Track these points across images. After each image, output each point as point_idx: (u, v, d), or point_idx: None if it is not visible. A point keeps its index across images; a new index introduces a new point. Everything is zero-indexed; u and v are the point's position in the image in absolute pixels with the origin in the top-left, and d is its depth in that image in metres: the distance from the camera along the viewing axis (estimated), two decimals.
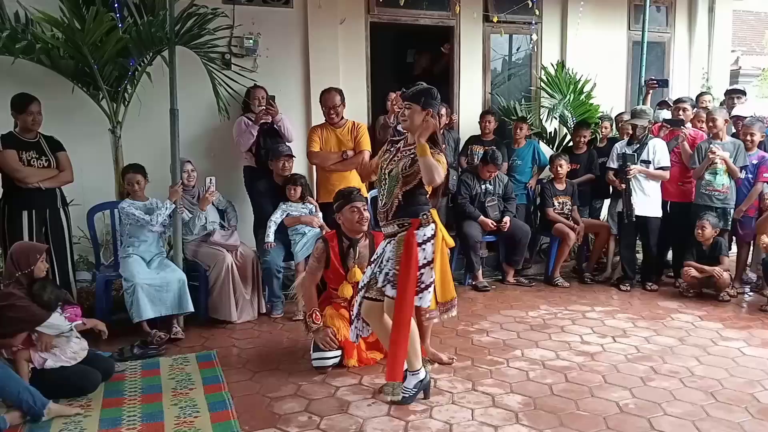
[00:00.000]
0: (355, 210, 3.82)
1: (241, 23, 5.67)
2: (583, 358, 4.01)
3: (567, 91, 6.65)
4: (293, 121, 5.82)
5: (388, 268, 3.30)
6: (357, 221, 3.83)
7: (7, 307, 3.35)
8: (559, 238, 5.87)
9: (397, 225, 3.29)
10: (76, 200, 4.72)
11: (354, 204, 3.82)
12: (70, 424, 3.14)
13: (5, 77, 4.75)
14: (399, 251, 3.26)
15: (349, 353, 3.83)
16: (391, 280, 3.28)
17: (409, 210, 3.26)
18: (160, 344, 4.18)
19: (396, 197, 3.27)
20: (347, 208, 3.83)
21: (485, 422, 3.14)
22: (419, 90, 3.34)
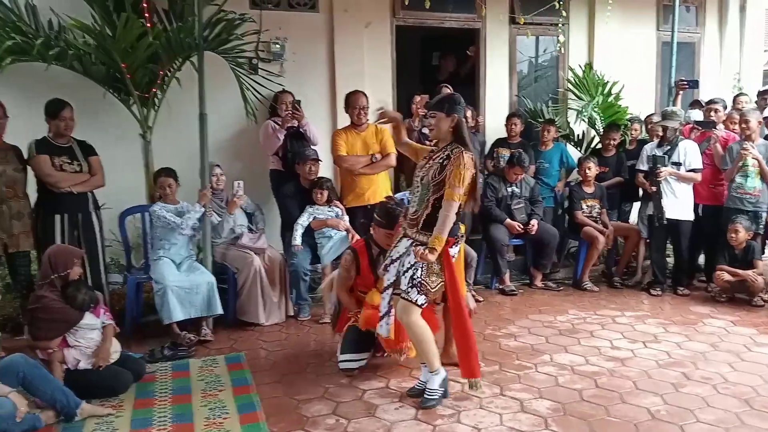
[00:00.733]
0: (391, 236, 3.79)
1: (268, 28, 5.69)
2: (614, 364, 3.96)
3: (595, 93, 6.58)
4: (319, 124, 5.85)
5: (417, 276, 3.29)
6: (388, 244, 3.82)
7: (40, 309, 3.44)
8: (587, 241, 5.81)
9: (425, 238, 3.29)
10: (107, 203, 4.79)
11: (393, 233, 3.78)
12: (103, 424, 3.19)
13: (39, 83, 4.84)
14: (432, 264, 3.28)
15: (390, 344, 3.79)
16: (416, 285, 3.29)
17: None
18: (189, 346, 4.23)
19: (428, 206, 3.27)
20: (385, 231, 3.81)
21: (514, 427, 3.12)
22: (442, 98, 3.39)
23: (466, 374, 3.43)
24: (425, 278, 3.29)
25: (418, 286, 3.28)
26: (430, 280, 3.30)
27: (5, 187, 4.17)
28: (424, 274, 3.29)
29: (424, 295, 3.29)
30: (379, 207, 3.91)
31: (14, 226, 4.22)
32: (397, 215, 3.78)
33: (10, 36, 4.44)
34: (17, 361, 3.15)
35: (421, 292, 3.29)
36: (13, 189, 4.22)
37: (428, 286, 3.29)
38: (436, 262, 3.30)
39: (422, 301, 3.30)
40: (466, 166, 3.21)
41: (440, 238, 3.18)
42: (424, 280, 3.29)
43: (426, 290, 3.29)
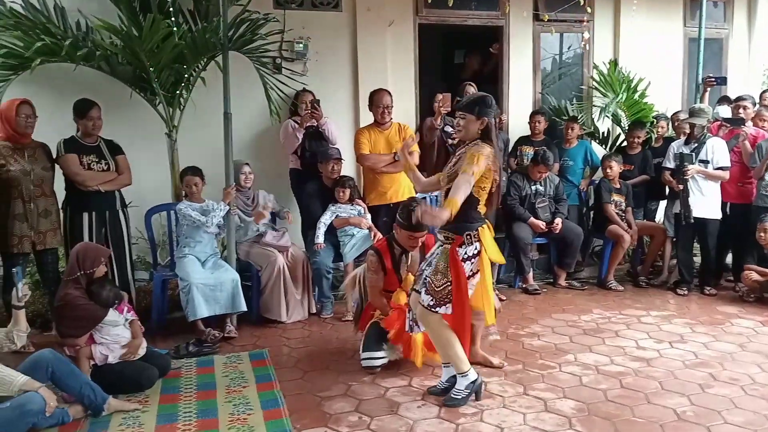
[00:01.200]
0: (413, 239, 3.80)
1: (292, 28, 5.74)
2: (639, 364, 3.92)
3: (620, 90, 6.49)
4: (341, 123, 5.87)
5: (427, 273, 3.30)
6: (411, 246, 3.85)
7: (66, 307, 3.50)
8: (613, 240, 5.75)
9: (443, 236, 3.29)
10: (134, 202, 4.87)
11: (415, 235, 3.79)
12: (129, 418, 3.24)
13: (67, 83, 4.94)
14: (439, 262, 3.27)
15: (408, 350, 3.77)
16: (426, 285, 3.28)
17: (458, 225, 3.23)
18: (214, 342, 4.27)
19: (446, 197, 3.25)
20: (407, 234, 3.80)
21: (537, 427, 3.10)
22: (473, 98, 3.32)
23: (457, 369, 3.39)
24: (431, 276, 3.27)
25: (426, 286, 3.28)
26: (435, 279, 3.25)
27: (33, 186, 4.25)
28: (430, 272, 3.28)
29: (431, 295, 3.26)
30: (402, 208, 3.87)
31: (42, 224, 4.29)
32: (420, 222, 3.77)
33: (39, 37, 4.52)
34: (46, 356, 3.21)
35: (427, 291, 3.27)
36: (41, 188, 4.30)
37: (433, 284, 3.25)
38: (442, 260, 3.24)
39: (428, 301, 3.26)
40: (482, 153, 3.15)
41: (452, 200, 3.05)
42: (430, 278, 3.27)
43: (432, 290, 3.25)
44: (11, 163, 4.17)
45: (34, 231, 4.25)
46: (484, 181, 3.24)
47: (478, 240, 3.26)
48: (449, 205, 3.06)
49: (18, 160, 4.21)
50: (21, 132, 4.22)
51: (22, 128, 4.20)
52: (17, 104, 4.19)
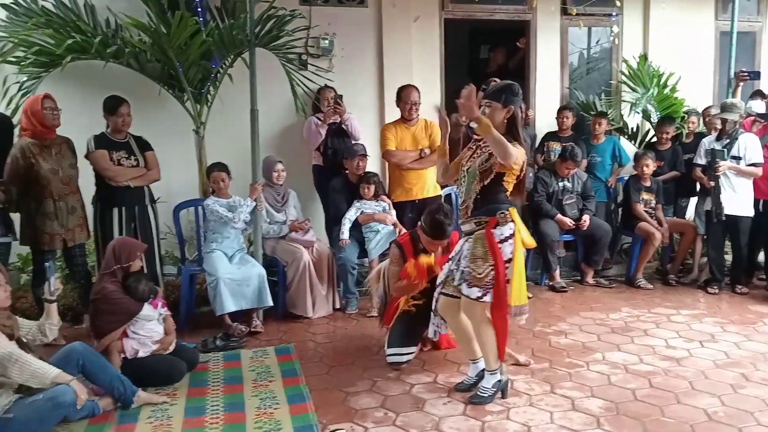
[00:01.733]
0: (433, 245, 3.80)
1: (318, 24, 5.75)
2: (669, 363, 3.85)
3: (650, 85, 6.39)
4: (367, 119, 5.88)
5: (464, 266, 3.26)
6: (431, 250, 3.84)
7: (102, 300, 3.56)
8: (642, 237, 5.66)
9: (474, 223, 3.25)
10: (162, 197, 4.92)
11: (435, 242, 3.77)
12: (158, 411, 3.28)
13: (97, 81, 5.01)
14: (475, 249, 3.22)
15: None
16: (467, 278, 3.24)
17: (487, 208, 3.21)
18: (241, 337, 4.31)
19: (474, 193, 3.23)
20: (430, 239, 3.78)
21: (565, 426, 3.07)
22: (500, 86, 3.29)
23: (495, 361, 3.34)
24: (470, 265, 3.20)
25: (467, 279, 3.23)
26: (475, 266, 3.19)
27: (62, 184, 4.31)
28: (468, 261, 3.21)
29: (476, 286, 3.19)
30: (428, 215, 3.79)
31: (70, 221, 4.36)
32: (444, 229, 3.72)
33: (70, 35, 4.59)
34: (77, 349, 3.27)
35: (471, 284, 3.20)
36: (69, 185, 4.36)
37: (475, 272, 3.18)
38: (480, 245, 3.18)
39: (476, 294, 3.19)
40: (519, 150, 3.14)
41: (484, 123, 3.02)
42: (470, 267, 3.20)
43: (474, 278, 3.19)
44: (40, 162, 4.21)
45: (64, 228, 4.32)
46: (512, 175, 3.24)
47: (511, 219, 3.22)
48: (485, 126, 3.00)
49: (46, 159, 4.25)
50: (49, 125, 4.25)
51: (50, 121, 4.24)
52: (41, 98, 4.23)
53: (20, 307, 4.49)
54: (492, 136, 3.00)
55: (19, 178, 4.19)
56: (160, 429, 3.09)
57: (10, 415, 2.89)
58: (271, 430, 3.03)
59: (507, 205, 3.25)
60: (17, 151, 4.21)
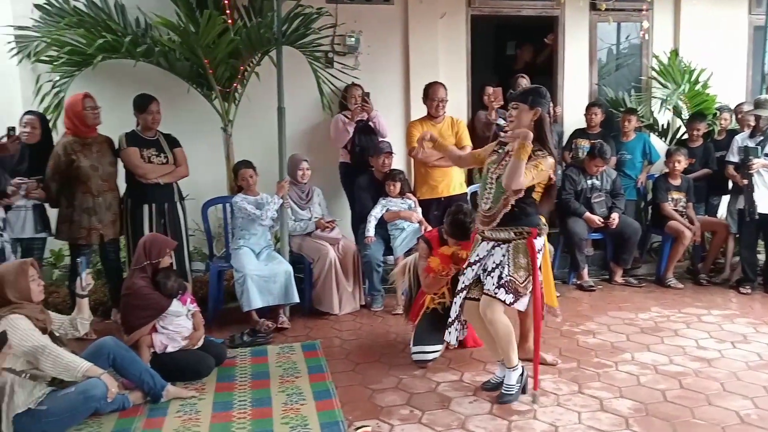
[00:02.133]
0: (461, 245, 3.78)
1: (344, 22, 5.76)
2: (699, 364, 3.79)
3: (681, 81, 6.27)
4: (393, 117, 5.87)
5: (504, 274, 3.21)
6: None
7: (132, 295, 3.62)
8: (672, 236, 5.57)
9: (513, 233, 3.22)
10: (191, 195, 4.98)
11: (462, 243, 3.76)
12: (186, 405, 3.32)
13: (127, 79, 5.09)
14: (518, 259, 3.21)
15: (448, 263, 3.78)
16: (504, 285, 3.20)
17: (527, 220, 3.21)
18: (267, 333, 4.34)
19: (507, 204, 3.19)
20: (454, 241, 3.81)
21: (593, 426, 3.03)
22: (527, 89, 3.30)
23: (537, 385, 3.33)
24: (513, 274, 3.19)
25: (506, 285, 3.19)
26: (518, 276, 3.20)
27: (101, 181, 4.42)
28: (511, 270, 3.20)
29: (512, 293, 3.20)
30: (449, 216, 3.82)
31: (107, 217, 4.47)
32: (467, 229, 3.74)
33: (101, 34, 4.67)
34: (108, 343, 3.33)
35: (509, 290, 3.20)
36: (108, 182, 4.48)
37: (517, 282, 3.20)
38: (522, 255, 3.21)
39: (510, 300, 3.21)
40: (546, 168, 3.15)
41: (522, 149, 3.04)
42: (512, 277, 3.19)
43: (515, 287, 3.20)
44: (81, 159, 4.36)
45: (102, 224, 4.43)
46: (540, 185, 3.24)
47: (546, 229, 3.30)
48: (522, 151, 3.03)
49: (87, 156, 4.39)
50: (90, 124, 4.40)
51: (90, 120, 4.39)
52: (81, 98, 4.36)
53: (53, 301, 4.60)
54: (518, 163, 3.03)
55: (60, 174, 4.34)
56: (189, 423, 3.13)
57: (43, 407, 2.96)
58: (298, 426, 3.05)
59: (539, 218, 3.30)
60: (60, 148, 4.37)
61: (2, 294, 3.03)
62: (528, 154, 3.04)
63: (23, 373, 2.96)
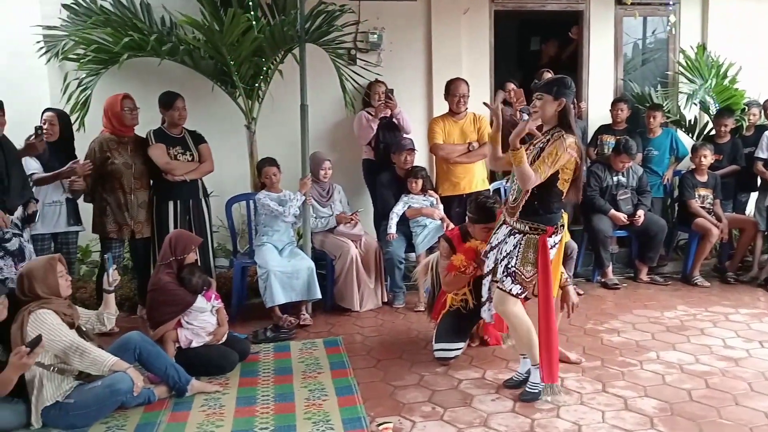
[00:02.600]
0: (487, 230, 3.71)
1: (367, 18, 5.76)
2: (726, 364, 3.73)
3: (708, 76, 6.17)
4: (415, 113, 5.86)
5: (511, 264, 3.22)
6: (485, 239, 3.75)
7: (158, 291, 3.67)
8: (699, 233, 5.48)
9: (529, 227, 3.21)
10: (215, 191, 5.03)
11: (489, 226, 3.69)
12: (211, 400, 3.35)
13: (152, 77, 5.15)
14: (527, 253, 3.19)
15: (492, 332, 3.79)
16: (511, 274, 3.21)
17: (546, 217, 3.18)
18: (290, 329, 4.38)
19: (529, 194, 3.17)
20: (481, 226, 3.75)
21: (617, 425, 3.00)
22: (551, 79, 3.26)
23: (547, 378, 3.24)
24: (519, 267, 3.20)
25: (512, 276, 3.21)
26: (524, 270, 3.19)
27: (134, 179, 4.50)
28: (518, 263, 3.20)
29: (519, 284, 3.20)
30: (472, 203, 3.84)
31: (140, 215, 4.55)
32: (490, 208, 3.72)
33: (127, 33, 4.73)
34: (134, 338, 3.37)
35: (515, 281, 3.20)
36: (140, 180, 4.55)
37: (523, 275, 3.19)
38: (532, 251, 3.19)
39: (517, 291, 3.20)
40: (565, 148, 3.08)
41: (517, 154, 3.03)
42: (518, 269, 3.20)
43: (520, 280, 3.20)
44: (115, 156, 4.46)
45: (133, 221, 4.51)
46: (567, 173, 3.18)
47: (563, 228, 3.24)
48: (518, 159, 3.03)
49: (122, 154, 4.49)
50: (128, 124, 4.52)
51: (128, 121, 4.50)
52: (120, 99, 4.47)
53: (80, 296, 4.68)
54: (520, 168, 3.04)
55: (95, 170, 4.42)
56: (213, 417, 3.16)
57: (71, 400, 3.02)
58: (320, 422, 3.07)
59: (560, 213, 3.25)
60: (96, 144, 4.50)
61: (31, 289, 3.09)
62: (520, 160, 3.02)
63: (51, 366, 3.03)
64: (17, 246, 3.70)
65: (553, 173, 3.12)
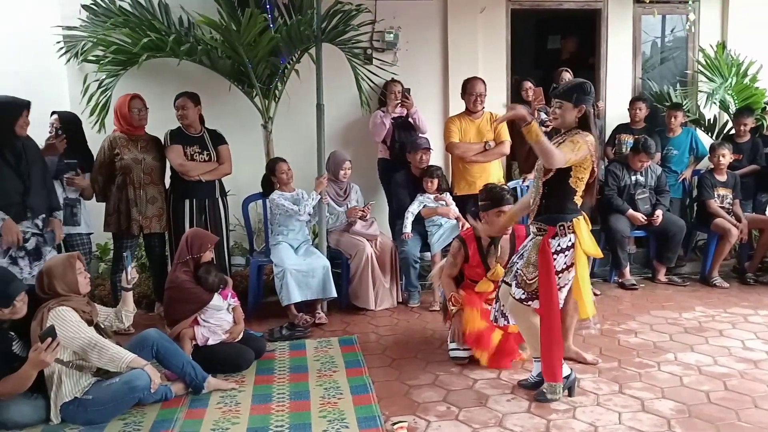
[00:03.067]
0: (501, 214, 3.69)
1: (383, 18, 5.77)
2: (745, 366, 3.68)
3: (728, 74, 6.09)
4: (431, 113, 5.85)
5: (519, 266, 3.24)
6: (502, 228, 3.72)
7: (175, 289, 3.70)
8: (718, 234, 5.42)
9: (536, 227, 3.20)
10: (232, 190, 5.06)
11: (502, 209, 3.69)
12: (227, 397, 3.38)
13: (171, 78, 5.19)
14: (531, 254, 3.19)
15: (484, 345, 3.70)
16: (517, 279, 3.21)
17: (551, 216, 3.15)
18: (306, 327, 4.40)
19: (539, 192, 3.16)
20: (494, 211, 3.72)
21: (633, 427, 2.98)
22: (571, 85, 3.22)
23: (547, 377, 3.22)
24: (522, 269, 3.20)
25: (517, 278, 3.22)
26: (526, 271, 3.18)
27: (143, 174, 4.53)
28: (522, 265, 3.21)
29: (521, 288, 3.20)
30: (481, 192, 3.85)
31: (149, 210, 4.56)
32: (499, 191, 3.73)
33: (145, 34, 4.78)
34: (151, 335, 3.41)
35: (518, 285, 3.21)
36: (150, 176, 4.57)
37: (525, 277, 3.19)
38: (535, 252, 3.15)
39: (520, 295, 3.20)
40: (585, 141, 3.05)
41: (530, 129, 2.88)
42: (521, 271, 3.20)
43: (521, 281, 3.19)
44: (125, 152, 4.50)
45: (142, 216, 4.53)
46: (582, 171, 3.13)
47: (572, 232, 3.15)
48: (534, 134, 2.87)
49: (131, 150, 4.53)
50: (136, 125, 4.55)
51: (136, 121, 4.54)
52: (129, 99, 4.51)
53: (99, 294, 4.73)
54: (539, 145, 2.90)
55: (105, 167, 4.49)
56: (229, 414, 3.18)
57: (89, 397, 3.06)
58: (335, 420, 3.08)
59: (573, 215, 3.17)
60: (105, 142, 4.56)
61: (51, 286, 3.14)
62: (535, 134, 2.87)
63: (70, 363, 3.07)
64: (34, 245, 3.74)
65: (566, 169, 3.08)
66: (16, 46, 4.79)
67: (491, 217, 3.73)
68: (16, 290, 3.02)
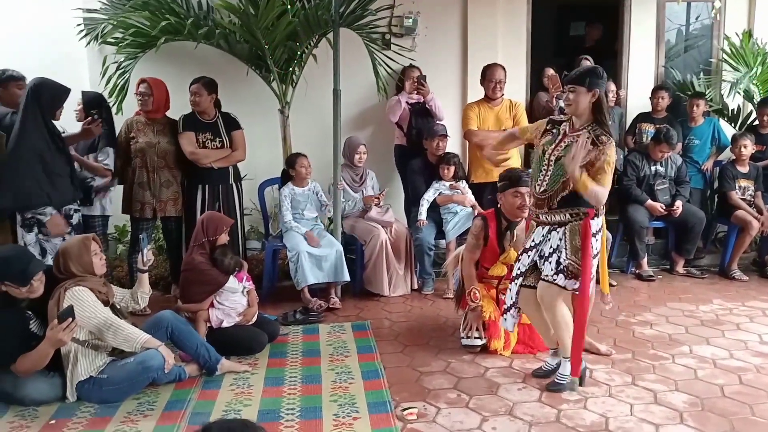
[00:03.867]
0: (518, 195, 3.68)
1: (402, 2, 5.71)
2: (762, 360, 3.63)
3: (754, 64, 5.95)
4: (449, 100, 5.80)
5: (563, 258, 3.15)
6: (518, 207, 3.70)
7: (191, 271, 3.74)
8: (738, 226, 5.33)
9: (569, 214, 3.16)
10: (248, 175, 5.07)
11: (519, 189, 3.67)
12: (240, 379, 3.41)
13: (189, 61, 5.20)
14: (574, 241, 3.14)
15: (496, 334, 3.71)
16: (564, 270, 3.15)
17: (583, 200, 3.11)
18: (319, 312, 4.43)
19: (566, 188, 3.12)
20: (511, 191, 3.71)
21: (645, 419, 2.95)
22: (583, 71, 3.18)
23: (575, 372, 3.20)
24: (572, 257, 3.13)
25: (565, 270, 3.14)
26: (576, 258, 3.13)
27: (157, 157, 4.55)
28: (569, 253, 3.13)
29: (574, 278, 3.14)
30: (500, 178, 3.85)
31: (163, 193, 4.58)
32: (518, 173, 3.75)
33: (164, 17, 4.79)
34: (166, 317, 3.44)
35: (569, 275, 3.14)
36: (165, 159, 4.59)
37: (576, 265, 3.13)
38: (578, 237, 3.12)
39: (572, 285, 3.17)
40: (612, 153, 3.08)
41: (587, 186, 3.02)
42: (572, 261, 3.13)
43: (574, 270, 3.13)
44: (140, 136, 4.54)
45: (156, 199, 4.56)
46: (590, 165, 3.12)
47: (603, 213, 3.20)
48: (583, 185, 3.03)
49: (146, 133, 4.56)
50: (140, 108, 4.59)
51: (139, 105, 4.59)
52: (137, 83, 4.58)
53: (116, 275, 4.79)
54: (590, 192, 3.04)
55: (123, 150, 4.56)
56: (242, 396, 3.22)
57: (104, 376, 3.11)
58: (346, 404, 3.09)
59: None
60: (124, 126, 4.63)
61: (66, 267, 3.18)
62: (584, 186, 3.02)
63: (86, 342, 3.12)
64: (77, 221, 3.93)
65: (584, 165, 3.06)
66: (37, 28, 4.83)
67: (508, 198, 3.73)
68: (34, 270, 3.07)
